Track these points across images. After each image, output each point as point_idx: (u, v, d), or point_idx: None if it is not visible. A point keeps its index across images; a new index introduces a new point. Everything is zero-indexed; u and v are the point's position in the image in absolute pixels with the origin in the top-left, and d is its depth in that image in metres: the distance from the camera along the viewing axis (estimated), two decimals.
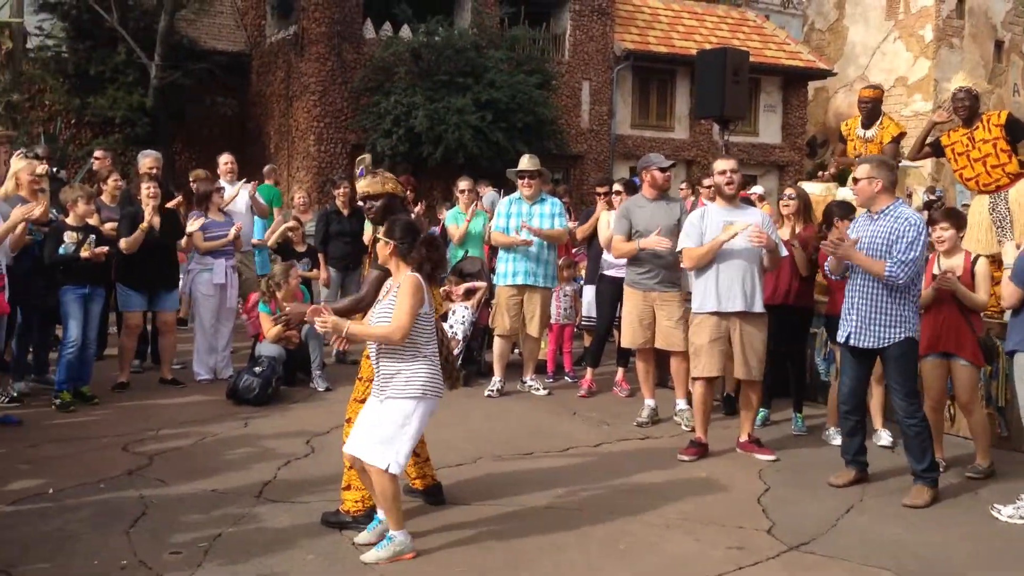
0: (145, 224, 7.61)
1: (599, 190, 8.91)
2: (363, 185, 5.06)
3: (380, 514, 4.53)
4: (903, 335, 5.45)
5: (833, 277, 6.05)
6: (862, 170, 5.60)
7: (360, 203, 5.19)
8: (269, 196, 11.45)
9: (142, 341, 8.49)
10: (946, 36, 23.26)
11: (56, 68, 17.15)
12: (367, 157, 5.20)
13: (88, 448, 6.11)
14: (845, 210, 6.80)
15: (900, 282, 5.36)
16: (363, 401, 4.79)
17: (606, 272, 8.23)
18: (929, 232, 5.81)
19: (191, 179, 9.85)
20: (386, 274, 4.73)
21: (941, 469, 5.83)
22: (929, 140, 8.16)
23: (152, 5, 17.62)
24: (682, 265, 6.67)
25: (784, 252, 6.42)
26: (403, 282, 4.39)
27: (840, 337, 5.70)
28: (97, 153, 9.55)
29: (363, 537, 4.53)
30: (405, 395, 4.37)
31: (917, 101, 23.28)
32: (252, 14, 19.89)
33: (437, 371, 4.51)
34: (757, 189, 12.40)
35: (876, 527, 5.06)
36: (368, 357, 4.73)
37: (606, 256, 8.21)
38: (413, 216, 5.18)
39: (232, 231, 8.24)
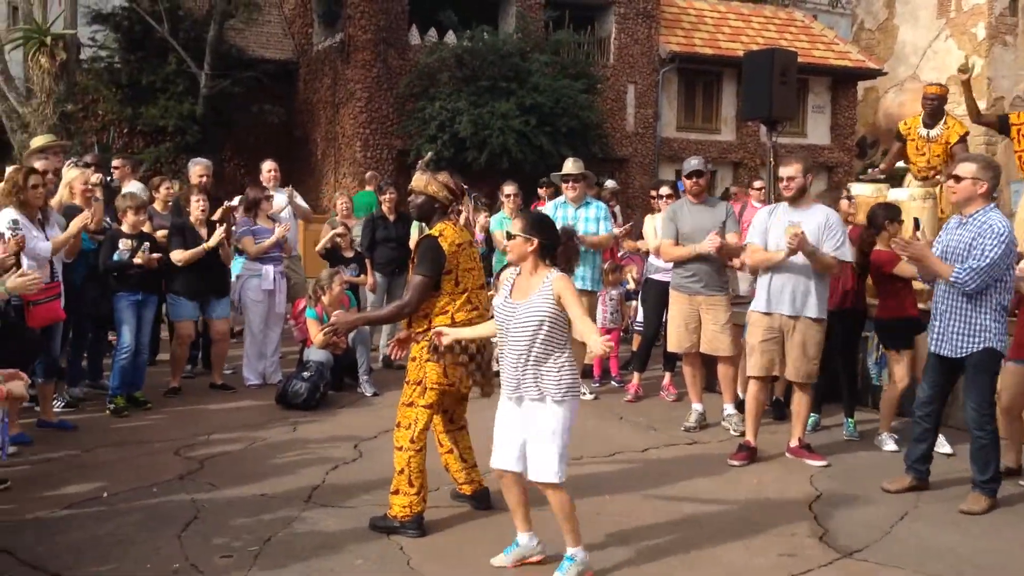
0: (208, 245, 7.72)
1: (653, 193, 8.86)
2: (413, 179, 5.01)
3: (521, 538, 4.39)
4: (982, 345, 5.28)
5: (925, 284, 5.87)
6: (967, 169, 5.35)
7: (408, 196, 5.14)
8: (368, 202, 11.47)
9: (193, 347, 8.60)
10: (999, 34, 22.77)
11: (109, 79, 17.54)
12: (430, 153, 5.23)
13: (141, 452, 6.20)
14: (891, 212, 6.67)
15: (969, 289, 5.17)
16: (411, 405, 4.80)
17: (652, 276, 8.18)
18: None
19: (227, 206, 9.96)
20: (434, 277, 4.70)
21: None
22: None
23: (202, 15, 17.95)
24: (744, 259, 6.63)
25: (848, 256, 6.29)
26: (563, 286, 4.15)
27: (929, 342, 5.56)
28: (115, 162, 9.53)
29: (499, 560, 4.39)
30: (562, 398, 4.15)
31: None
32: (299, 22, 20.13)
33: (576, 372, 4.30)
34: (609, 184, 12.43)
35: (931, 534, 4.95)
36: (427, 359, 4.69)
37: (652, 260, 8.16)
38: (462, 220, 5.14)
39: (279, 230, 8.31)
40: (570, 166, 8.06)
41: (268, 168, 9.97)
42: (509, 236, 4.28)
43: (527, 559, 4.37)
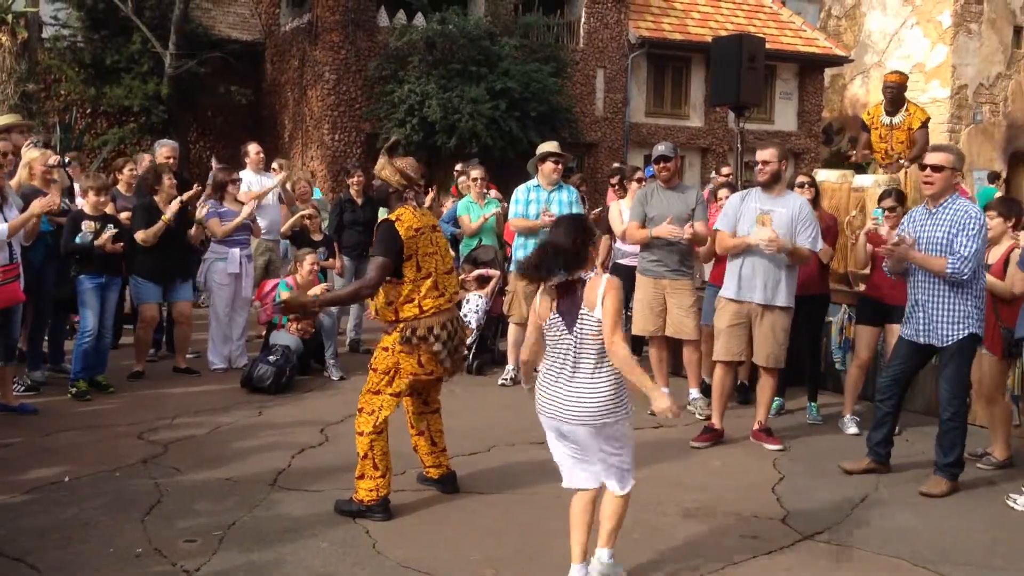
0: (167, 218, 7.61)
1: (612, 181, 8.88)
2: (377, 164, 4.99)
3: (573, 571, 3.99)
4: (967, 331, 5.34)
5: (892, 277, 5.95)
6: (945, 158, 5.37)
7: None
8: None
9: (157, 330, 8.52)
10: (964, 22, 23.04)
11: (71, 58, 17.23)
12: (394, 138, 5.16)
13: (104, 436, 6.14)
14: (902, 198, 6.69)
15: (964, 278, 5.23)
16: (377, 392, 4.79)
17: (619, 261, 8.20)
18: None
19: (214, 166, 9.84)
20: (391, 259, 4.64)
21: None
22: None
23: None
24: (713, 247, 6.67)
25: (819, 246, 6.34)
26: (609, 291, 3.83)
27: (905, 334, 5.59)
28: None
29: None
30: (625, 415, 3.91)
31: (935, 88, 23.09)
32: (266, 2, 19.90)
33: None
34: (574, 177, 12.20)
35: (892, 516, 5.03)
36: (400, 350, 4.65)
37: (619, 245, 8.19)
38: (424, 204, 5.09)
39: (245, 210, 8.22)
40: (554, 146, 8.04)
41: (256, 151, 9.87)
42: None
43: None
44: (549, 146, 8.06)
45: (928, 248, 5.37)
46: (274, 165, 10.27)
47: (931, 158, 5.46)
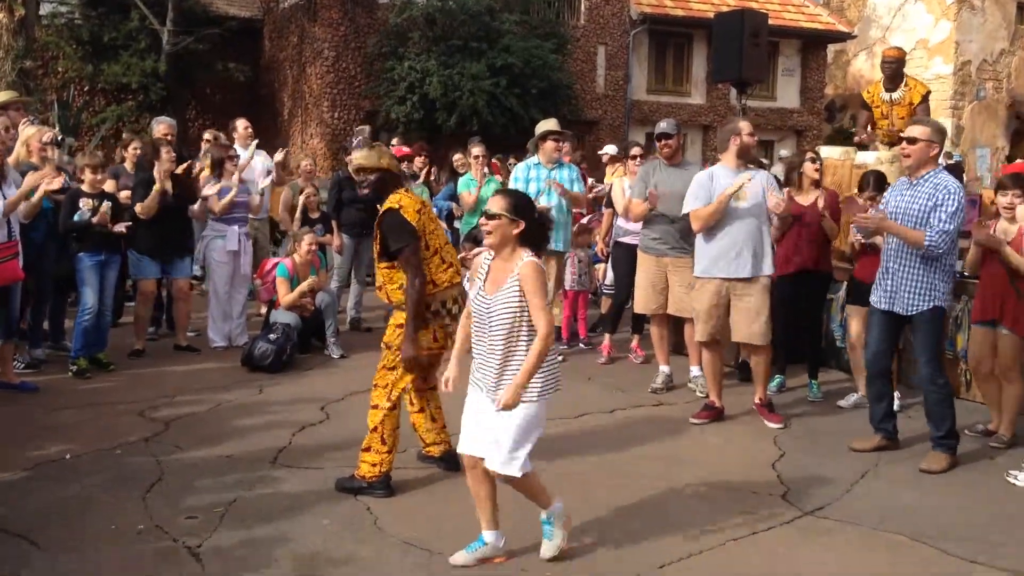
0: (158, 186, 7.58)
1: (605, 158, 8.85)
2: (358, 158, 4.86)
3: (487, 536, 4.05)
4: (932, 303, 5.38)
5: (864, 241, 5.92)
6: (920, 131, 5.39)
7: (354, 176, 4.89)
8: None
9: (157, 308, 8.51)
10: None
11: (69, 35, 17.14)
12: (366, 128, 5.04)
13: (105, 414, 6.15)
14: (882, 180, 6.63)
15: (940, 252, 5.25)
16: (392, 368, 4.78)
17: (621, 239, 8.18)
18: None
19: (204, 138, 9.81)
20: (417, 241, 4.59)
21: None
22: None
23: None
24: (692, 225, 6.63)
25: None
26: (527, 273, 3.84)
27: (874, 301, 5.63)
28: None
29: (460, 558, 4.02)
30: (537, 397, 3.91)
31: (938, 64, 22.97)
32: None
33: (556, 367, 4.03)
34: (610, 149, 12.13)
35: (892, 492, 5.04)
36: (407, 333, 4.62)
37: (620, 223, 8.16)
38: (423, 183, 5.05)
39: (230, 193, 8.15)
40: (554, 124, 8.01)
41: (244, 126, 9.84)
42: (489, 216, 3.91)
43: (491, 559, 4.04)
44: (549, 124, 8.03)
45: (905, 219, 5.38)
46: (278, 156, 10.27)
47: (908, 131, 5.51)
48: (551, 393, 3.99)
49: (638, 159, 8.18)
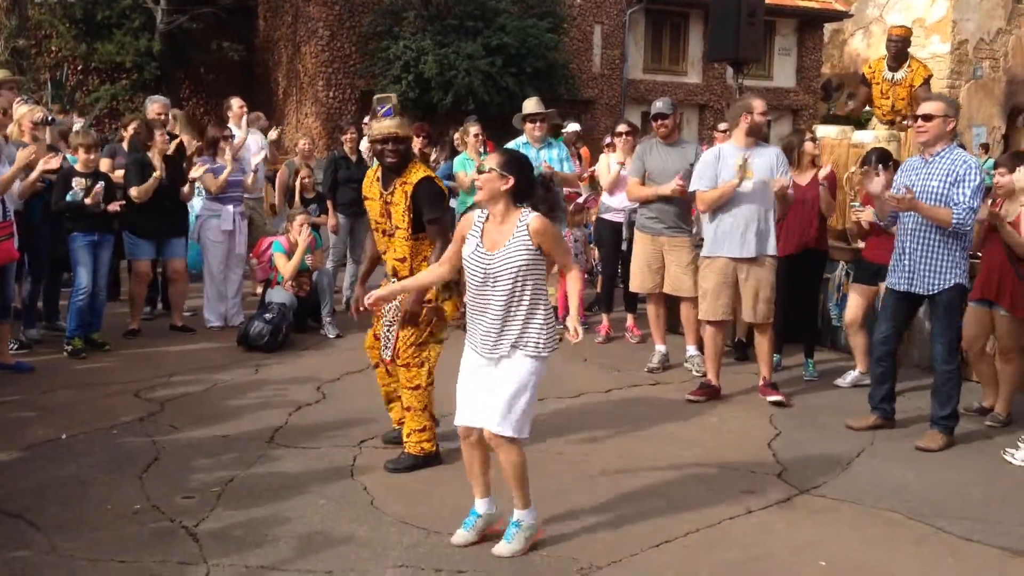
0: (158, 174, 7.55)
1: (607, 140, 8.81)
2: (391, 125, 4.74)
3: (479, 506, 4.03)
4: (953, 281, 5.35)
5: (880, 223, 5.89)
6: (935, 107, 5.37)
7: (378, 144, 4.76)
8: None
9: (152, 288, 8.49)
10: None
11: (62, 13, 17.02)
12: (392, 96, 4.97)
13: (100, 394, 6.13)
14: (885, 157, 6.60)
15: (967, 228, 5.24)
16: (422, 344, 4.82)
17: (603, 216, 8.17)
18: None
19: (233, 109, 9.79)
20: (446, 218, 4.67)
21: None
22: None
23: None
24: (697, 208, 6.60)
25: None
26: (542, 226, 3.81)
27: (891, 283, 5.60)
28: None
29: (461, 537, 3.99)
30: (538, 354, 3.85)
31: (935, 43, 22.89)
32: None
33: (553, 327, 3.94)
34: (572, 126, 11.97)
35: (887, 471, 5.05)
36: (444, 298, 4.71)
37: (604, 199, 8.16)
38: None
39: (225, 171, 8.11)
40: (533, 105, 7.98)
41: (239, 104, 9.78)
42: (480, 171, 3.90)
43: (492, 528, 4.01)
44: (529, 105, 7.98)
45: (924, 198, 5.33)
46: (272, 134, 10.21)
47: (923, 108, 5.49)
48: (548, 351, 3.89)
49: (623, 136, 8.15)
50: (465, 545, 3.97)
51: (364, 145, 9.01)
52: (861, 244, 7.00)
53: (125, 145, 8.55)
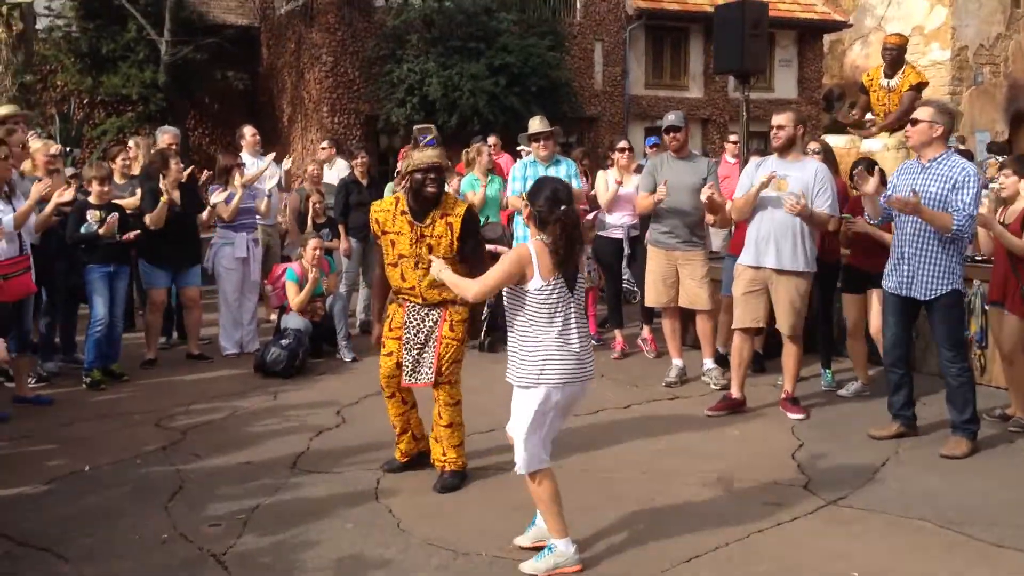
0: (165, 198, 7.58)
1: (611, 155, 8.83)
2: (434, 155, 4.77)
3: (558, 545, 3.94)
4: (950, 287, 5.37)
5: (872, 222, 5.91)
6: (924, 112, 5.42)
7: (419, 173, 4.76)
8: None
9: (167, 318, 8.51)
10: None
11: (67, 48, 17.12)
12: (432, 127, 5.01)
13: (121, 425, 6.14)
14: (871, 165, 6.64)
15: (966, 235, 5.28)
16: (459, 360, 4.95)
17: (602, 233, 8.18)
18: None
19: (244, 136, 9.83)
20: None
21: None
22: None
23: None
24: (730, 216, 6.63)
25: (836, 211, 6.26)
26: (505, 252, 4.03)
27: (888, 288, 5.61)
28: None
29: (530, 568, 3.92)
30: (519, 383, 3.90)
31: (935, 50, 22.92)
32: None
33: (563, 356, 3.85)
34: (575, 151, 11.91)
35: (914, 479, 5.02)
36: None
37: (603, 217, 8.17)
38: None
39: (235, 198, 8.12)
40: (538, 124, 8.00)
41: (252, 133, 9.83)
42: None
43: (563, 569, 3.90)
44: (533, 125, 7.99)
45: (923, 201, 5.33)
46: (285, 163, 10.26)
47: (914, 113, 5.55)
48: (536, 386, 3.83)
49: (626, 152, 8.20)
50: (521, 548, 4.10)
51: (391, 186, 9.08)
52: (846, 251, 7.01)
53: (116, 177, 8.43)
